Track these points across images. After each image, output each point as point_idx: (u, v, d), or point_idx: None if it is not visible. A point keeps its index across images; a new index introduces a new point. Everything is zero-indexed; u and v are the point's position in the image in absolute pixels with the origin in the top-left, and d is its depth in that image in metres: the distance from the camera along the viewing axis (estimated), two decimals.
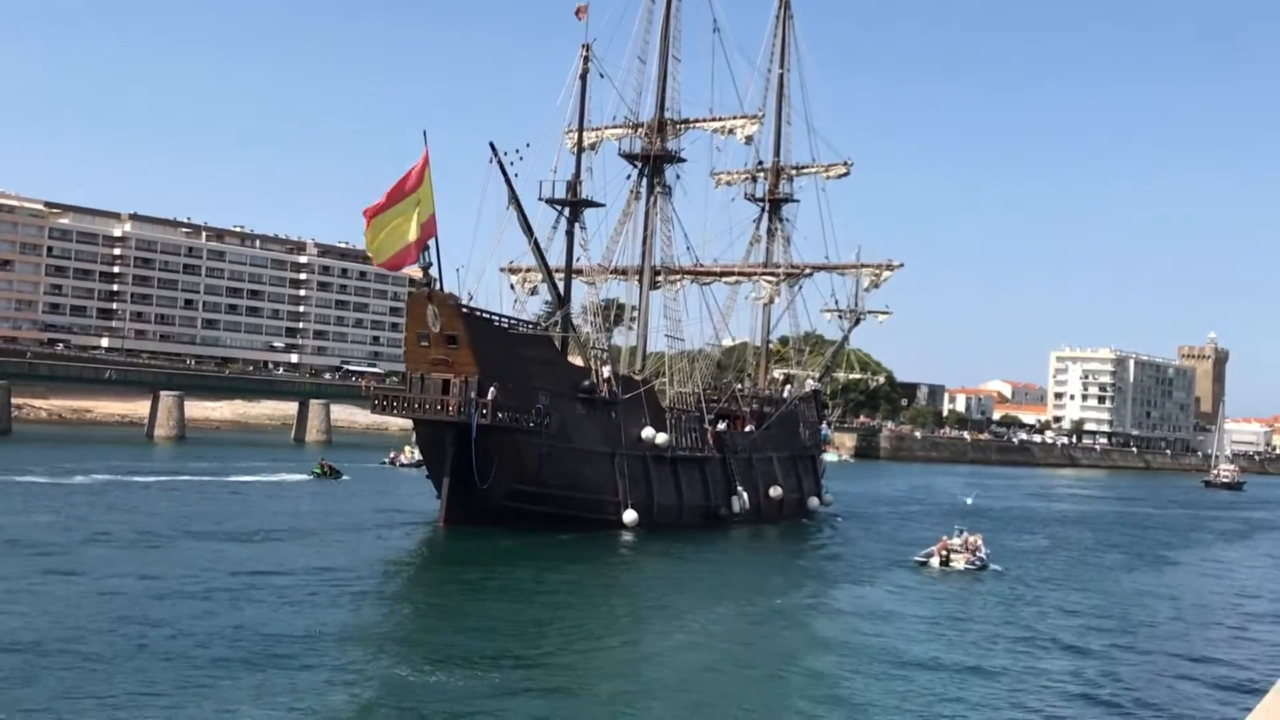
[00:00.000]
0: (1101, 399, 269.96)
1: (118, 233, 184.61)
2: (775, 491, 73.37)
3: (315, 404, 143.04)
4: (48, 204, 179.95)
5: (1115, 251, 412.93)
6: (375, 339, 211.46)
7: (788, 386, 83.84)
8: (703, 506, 68.23)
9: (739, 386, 78.74)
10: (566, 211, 65.83)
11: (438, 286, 55.69)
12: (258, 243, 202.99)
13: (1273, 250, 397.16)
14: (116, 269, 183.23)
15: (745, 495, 69.96)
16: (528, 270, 69.30)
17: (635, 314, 72.62)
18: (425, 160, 55.12)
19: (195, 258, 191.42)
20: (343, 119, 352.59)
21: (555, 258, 65.55)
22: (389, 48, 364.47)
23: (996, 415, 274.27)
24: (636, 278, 70.25)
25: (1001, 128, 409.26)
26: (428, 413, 57.94)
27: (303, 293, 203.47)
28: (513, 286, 70.71)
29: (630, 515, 61.70)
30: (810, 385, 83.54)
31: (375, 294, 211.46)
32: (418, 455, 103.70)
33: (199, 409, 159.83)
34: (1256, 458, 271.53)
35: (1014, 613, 42.18)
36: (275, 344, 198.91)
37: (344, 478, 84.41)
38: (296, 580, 39.54)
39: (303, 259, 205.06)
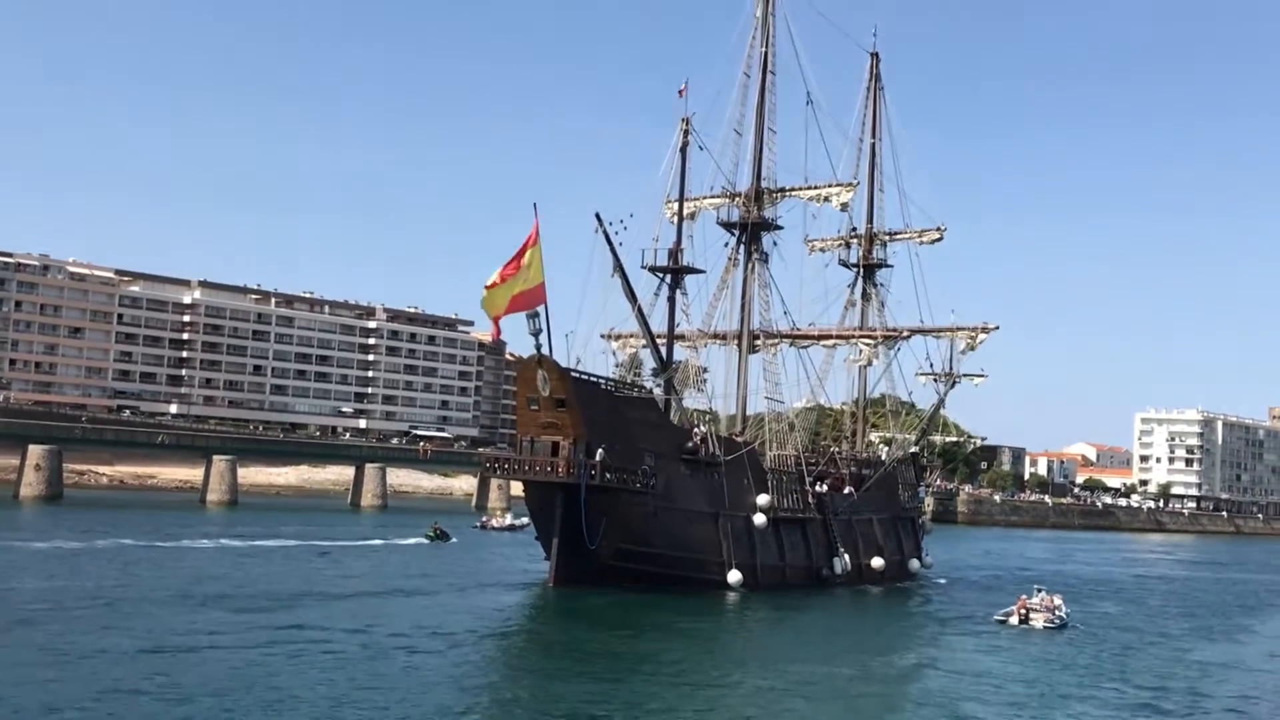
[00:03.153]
0: (1189, 461, 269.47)
1: (187, 300, 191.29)
2: (877, 562, 76.82)
3: (371, 468, 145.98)
4: (118, 272, 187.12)
5: (1202, 311, 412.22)
6: (444, 403, 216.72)
7: (885, 449, 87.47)
8: (805, 567, 71.81)
9: (836, 449, 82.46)
10: (668, 278, 70.22)
11: (546, 352, 59.86)
12: (327, 308, 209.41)
13: None
14: (186, 336, 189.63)
15: (846, 556, 73.51)
16: (629, 336, 73.67)
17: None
18: (536, 231, 59.66)
19: (264, 324, 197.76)
20: (418, 186, 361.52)
21: (657, 323, 69.90)
22: (479, 117, 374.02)
23: (1080, 478, 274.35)
24: (735, 342, 74.42)
25: (1085, 188, 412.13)
26: (538, 474, 61.94)
27: (371, 358, 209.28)
28: (614, 353, 75.16)
29: (734, 576, 65.22)
30: (900, 448, 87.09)
31: (444, 358, 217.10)
32: (509, 520, 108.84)
33: (261, 475, 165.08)
34: None
35: (1077, 677, 43.75)
36: (344, 409, 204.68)
37: (453, 540, 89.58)
38: (423, 639, 43.34)
39: (371, 324, 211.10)
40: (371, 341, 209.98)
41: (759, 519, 67.95)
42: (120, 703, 30.72)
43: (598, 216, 64.27)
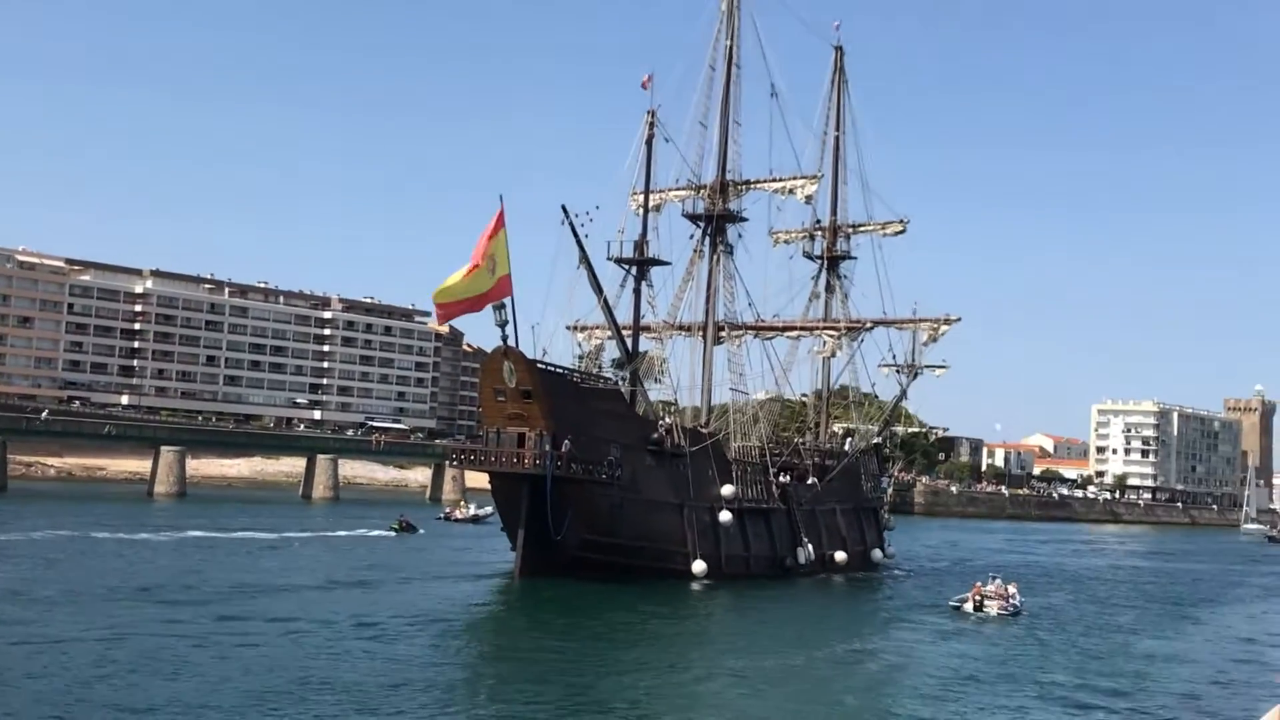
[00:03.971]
0: (1145, 453, 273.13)
1: (139, 289, 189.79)
2: (840, 556, 78.07)
3: (322, 460, 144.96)
4: (69, 261, 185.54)
5: (1159, 303, 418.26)
6: (400, 394, 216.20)
7: (848, 440, 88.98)
8: (769, 558, 73.17)
9: (800, 440, 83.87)
10: (634, 270, 71.28)
11: (512, 343, 60.63)
12: (282, 298, 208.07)
13: None
14: (138, 326, 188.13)
15: (810, 546, 74.90)
16: (594, 328, 74.68)
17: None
18: (500, 221, 60.21)
19: (218, 314, 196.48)
20: (375, 175, 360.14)
21: (623, 315, 71.00)
22: (440, 108, 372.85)
23: (1037, 470, 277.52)
24: (701, 333, 75.59)
25: (1042, 183, 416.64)
26: (504, 466, 62.75)
27: (327, 348, 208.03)
28: (579, 344, 76.14)
29: (699, 566, 66.48)
30: (863, 439, 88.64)
31: (400, 349, 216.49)
32: (473, 510, 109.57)
33: (214, 466, 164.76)
34: None
35: (1025, 665, 44.67)
36: (299, 400, 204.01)
37: (420, 532, 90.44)
38: (391, 629, 43.93)
39: (327, 314, 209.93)
40: (327, 332, 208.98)
41: (724, 516, 68.96)
42: (29, 695, 30.68)
43: (564, 209, 65.30)
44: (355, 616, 46.00)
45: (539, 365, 62.40)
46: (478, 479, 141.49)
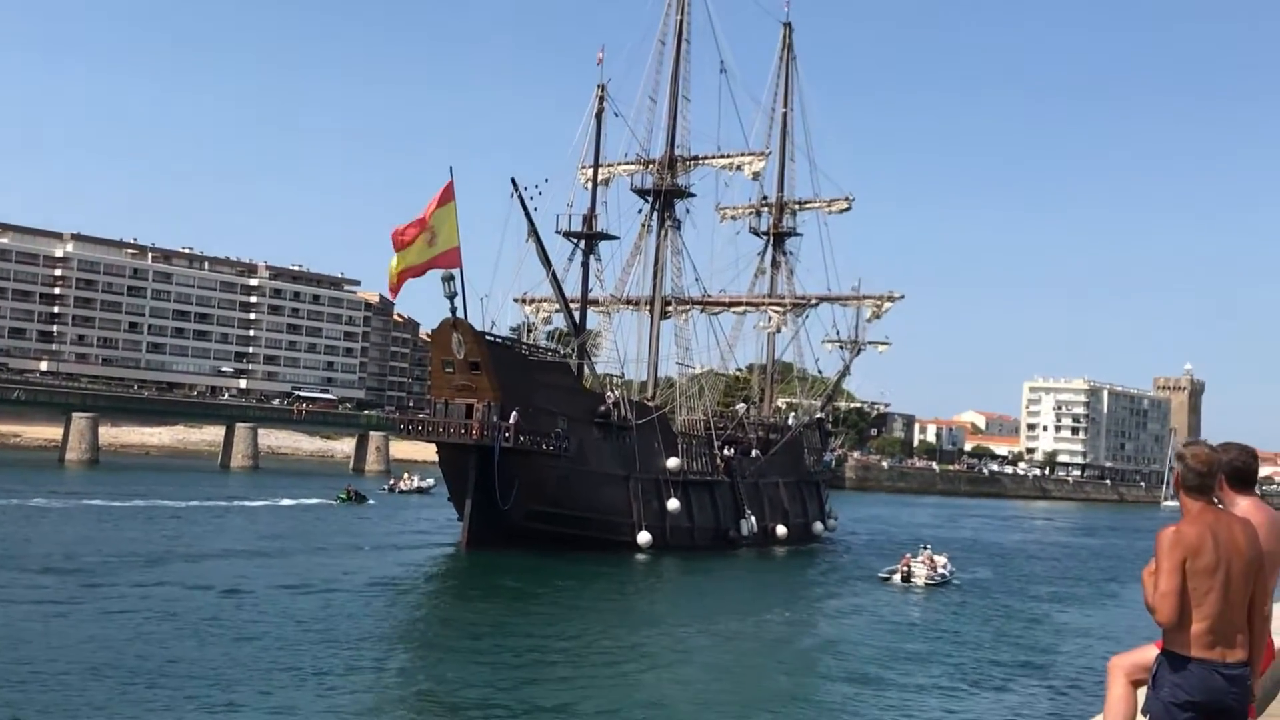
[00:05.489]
0: (1075, 430, 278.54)
1: (59, 253, 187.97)
2: (781, 529, 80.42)
3: (241, 428, 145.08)
4: None
5: (1090, 281, 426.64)
6: (329, 364, 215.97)
7: (791, 414, 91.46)
8: (713, 529, 75.46)
9: (744, 414, 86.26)
10: (582, 243, 73.01)
11: (461, 315, 62.22)
12: (207, 264, 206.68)
13: (1248, 282, 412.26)
14: (58, 291, 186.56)
15: (753, 519, 77.34)
16: (542, 300, 76.42)
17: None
18: (450, 192, 61.70)
19: (141, 279, 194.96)
20: (309, 138, 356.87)
21: (571, 288, 72.81)
22: (383, 76, 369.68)
23: (969, 446, 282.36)
24: (648, 308, 77.57)
25: (977, 163, 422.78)
26: (452, 436, 64.48)
27: (253, 316, 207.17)
28: (528, 316, 77.84)
29: (644, 537, 68.55)
30: (806, 413, 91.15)
31: (329, 318, 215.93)
32: (417, 482, 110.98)
33: (135, 435, 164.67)
34: None
35: (940, 631, 46.37)
36: (224, 369, 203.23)
37: (369, 502, 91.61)
38: (320, 596, 43.85)
39: (254, 281, 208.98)
40: (253, 299, 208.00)
41: (672, 504, 70.99)
42: None
43: (513, 181, 66.92)
44: (277, 582, 46.02)
45: (487, 337, 63.98)
46: (404, 450, 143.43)
